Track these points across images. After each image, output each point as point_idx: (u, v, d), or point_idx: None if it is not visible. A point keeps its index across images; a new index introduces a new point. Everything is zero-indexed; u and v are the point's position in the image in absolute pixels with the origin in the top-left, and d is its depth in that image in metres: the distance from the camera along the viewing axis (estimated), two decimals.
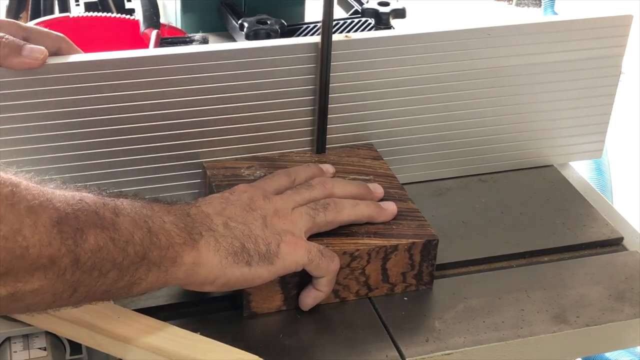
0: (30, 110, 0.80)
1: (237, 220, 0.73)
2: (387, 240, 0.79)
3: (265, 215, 0.75)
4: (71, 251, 0.61)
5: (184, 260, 0.68)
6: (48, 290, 0.61)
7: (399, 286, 0.81)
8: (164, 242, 0.67)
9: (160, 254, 0.67)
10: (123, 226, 0.65)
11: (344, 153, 0.92)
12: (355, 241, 0.79)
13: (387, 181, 0.88)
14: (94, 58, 0.81)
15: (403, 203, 0.84)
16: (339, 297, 0.80)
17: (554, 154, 1.03)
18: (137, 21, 1.20)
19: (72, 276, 0.62)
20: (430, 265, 0.81)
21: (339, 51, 0.87)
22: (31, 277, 0.60)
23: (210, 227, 0.71)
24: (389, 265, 0.80)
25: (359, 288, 0.80)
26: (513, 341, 0.76)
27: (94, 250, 0.62)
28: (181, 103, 0.85)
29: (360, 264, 0.79)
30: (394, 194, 0.85)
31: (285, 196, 0.78)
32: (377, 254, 0.79)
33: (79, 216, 0.62)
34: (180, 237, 0.68)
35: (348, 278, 0.79)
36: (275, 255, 0.72)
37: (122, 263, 0.64)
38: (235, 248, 0.71)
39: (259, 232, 0.73)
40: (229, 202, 0.75)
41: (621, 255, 0.89)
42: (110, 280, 0.64)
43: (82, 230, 0.62)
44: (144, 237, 0.66)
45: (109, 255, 0.63)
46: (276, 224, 0.74)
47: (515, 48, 0.94)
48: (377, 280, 0.80)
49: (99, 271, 0.63)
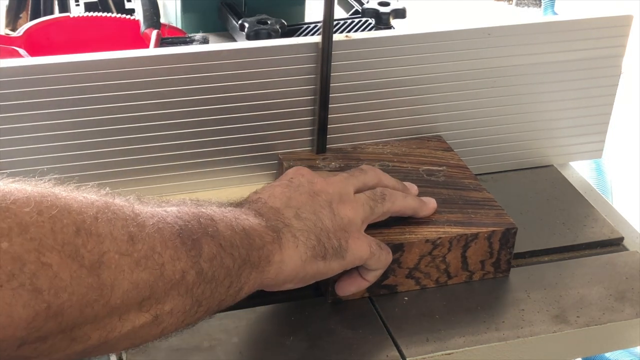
0: (30, 110, 0.80)
1: (306, 210, 0.72)
2: (468, 229, 0.80)
3: (330, 201, 0.73)
4: (196, 263, 0.59)
5: (275, 258, 0.67)
6: (180, 308, 0.59)
7: (477, 274, 0.82)
8: (258, 242, 0.66)
9: (258, 255, 0.66)
10: (225, 232, 0.63)
11: (414, 144, 0.94)
12: (437, 229, 0.80)
13: (461, 171, 0.89)
14: (94, 58, 0.81)
15: (479, 192, 0.86)
16: (420, 285, 0.81)
17: (554, 154, 1.03)
18: (137, 21, 1.20)
19: (197, 289, 0.60)
20: (508, 254, 0.82)
21: (339, 51, 0.87)
22: (167, 296, 0.58)
23: (284, 222, 0.70)
24: (469, 253, 0.81)
25: (439, 275, 0.81)
26: (513, 341, 0.76)
27: (211, 259, 0.61)
28: (181, 103, 0.85)
29: (441, 252, 0.80)
30: (468, 184, 0.87)
31: (342, 177, 0.77)
32: (458, 242, 0.80)
33: (190, 227, 0.61)
34: (269, 236, 0.67)
35: (429, 266, 0.80)
36: (345, 250, 0.72)
37: (233, 269, 0.63)
38: (313, 242, 0.70)
39: (329, 224, 0.72)
40: (291, 189, 0.73)
41: (621, 255, 0.89)
42: (224, 288, 0.63)
43: (198, 240, 0.60)
44: (242, 239, 0.65)
45: (222, 262, 0.62)
46: (342, 212, 0.73)
47: (515, 48, 0.94)
48: (456, 268, 0.81)
49: (216, 281, 0.62)
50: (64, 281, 0.51)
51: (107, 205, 0.56)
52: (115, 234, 0.55)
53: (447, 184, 0.87)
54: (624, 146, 2.10)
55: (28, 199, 0.51)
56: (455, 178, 0.89)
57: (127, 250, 0.55)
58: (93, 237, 0.53)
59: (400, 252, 0.78)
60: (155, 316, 0.58)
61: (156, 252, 0.57)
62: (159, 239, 0.57)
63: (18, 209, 0.51)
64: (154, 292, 0.57)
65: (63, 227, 0.52)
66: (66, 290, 0.51)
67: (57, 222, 0.52)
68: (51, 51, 1.19)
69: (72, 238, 0.52)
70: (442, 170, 0.89)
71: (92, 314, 0.53)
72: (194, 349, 0.73)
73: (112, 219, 0.55)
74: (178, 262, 0.58)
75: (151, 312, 0.57)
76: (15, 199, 0.51)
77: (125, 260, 0.55)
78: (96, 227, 0.54)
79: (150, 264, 0.56)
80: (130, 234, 0.56)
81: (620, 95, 1.03)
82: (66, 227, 0.52)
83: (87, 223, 0.54)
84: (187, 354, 0.72)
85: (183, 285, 0.59)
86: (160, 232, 0.58)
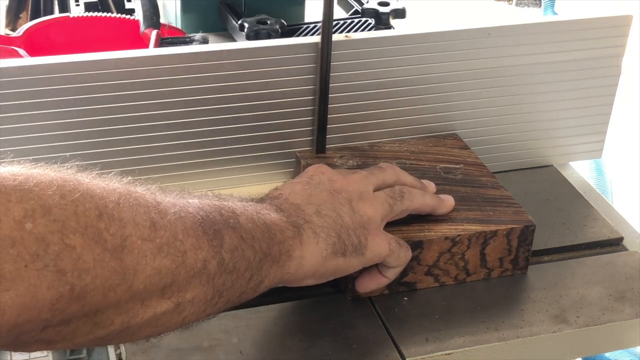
0: (30, 110, 0.80)
1: (327, 207, 0.72)
2: (487, 226, 0.81)
3: (350, 199, 0.74)
4: (217, 253, 0.60)
5: (295, 253, 0.68)
6: (202, 297, 0.59)
7: (496, 271, 0.83)
8: (279, 236, 0.66)
9: (279, 249, 0.66)
10: (246, 225, 0.64)
11: (431, 143, 0.94)
12: (456, 227, 0.80)
13: (478, 169, 0.90)
14: (94, 58, 0.81)
15: (496, 190, 0.86)
16: (439, 282, 0.81)
17: (554, 154, 1.03)
18: (137, 21, 1.20)
19: (219, 279, 0.60)
20: (527, 251, 0.83)
21: (339, 51, 0.87)
22: (189, 284, 0.58)
23: (305, 218, 0.70)
24: (488, 250, 0.81)
25: (458, 272, 0.82)
26: (513, 341, 0.76)
27: (232, 250, 0.61)
28: (181, 103, 0.85)
29: (460, 249, 0.80)
30: (486, 182, 0.88)
31: (362, 175, 0.78)
32: (477, 239, 0.80)
33: (212, 218, 0.61)
34: (290, 231, 0.68)
35: (448, 263, 0.81)
36: (364, 247, 0.73)
37: (253, 261, 0.63)
38: (333, 239, 0.70)
39: (349, 222, 0.72)
40: (311, 186, 0.74)
41: (621, 255, 0.89)
42: (244, 280, 0.63)
43: (220, 231, 0.61)
44: (263, 233, 0.65)
45: (243, 254, 0.62)
46: (361, 210, 0.74)
47: (515, 48, 0.94)
48: (475, 265, 0.82)
49: (237, 272, 0.62)
50: (87, 263, 0.51)
51: (129, 192, 0.57)
52: (138, 219, 0.55)
53: (465, 182, 0.88)
54: (624, 146, 2.10)
55: (51, 182, 0.52)
56: (473, 176, 0.89)
57: (149, 236, 0.55)
58: (115, 222, 0.54)
59: (419, 249, 0.79)
60: (177, 304, 0.58)
61: (178, 240, 0.57)
62: (181, 227, 0.58)
63: (41, 191, 0.51)
64: (176, 279, 0.57)
65: (86, 211, 0.52)
66: (89, 272, 0.52)
67: (79, 205, 0.52)
68: (51, 51, 1.19)
69: (95, 221, 0.52)
70: (460, 168, 0.89)
71: (115, 298, 0.54)
72: (193, 349, 0.73)
73: (134, 205, 0.56)
74: (200, 251, 0.58)
75: (173, 300, 0.57)
76: (38, 182, 0.51)
77: (148, 246, 0.55)
78: (119, 212, 0.54)
79: (172, 250, 0.56)
80: (152, 220, 0.56)
81: (620, 95, 1.03)
82: (89, 211, 0.52)
83: (110, 207, 0.54)
84: (187, 353, 0.72)
85: (205, 274, 0.59)
86: (182, 220, 0.58)
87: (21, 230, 0.49)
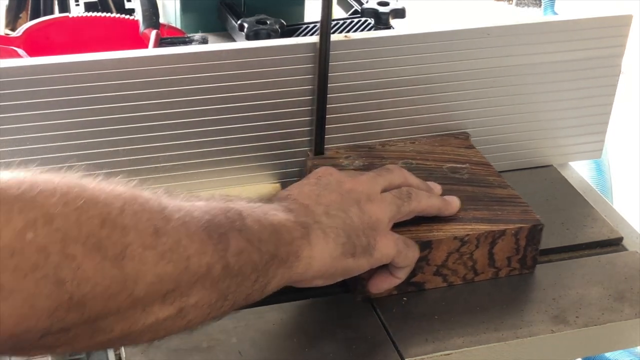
0: (30, 110, 0.80)
1: (336, 208, 0.72)
2: (495, 226, 0.81)
3: (359, 200, 0.74)
4: (222, 257, 0.60)
5: (304, 254, 0.68)
6: (206, 301, 0.59)
7: (504, 270, 0.83)
8: (287, 237, 0.66)
9: (287, 250, 0.66)
10: (253, 227, 0.64)
11: (437, 142, 0.94)
12: (464, 226, 0.81)
13: (484, 169, 0.90)
14: (94, 58, 0.81)
15: (504, 189, 0.86)
16: (447, 282, 0.81)
17: (554, 154, 1.03)
18: (136, 21, 1.20)
19: (223, 283, 0.60)
20: (534, 250, 0.83)
21: (338, 51, 0.87)
22: (192, 289, 0.58)
23: (314, 218, 0.70)
24: (496, 249, 0.81)
25: (466, 272, 0.82)
26: (512, 341, 0.76)
27: (238, 253, 0.61)
28: (180, 103, 0.85)
29: (469, 249, 0.80)
30: (492, 181, 0.88)
31: (370, 176, 0.78)
32: (486, 238, 0.80)
33: (217, 221, 0.61)
34: (298, 231, 0.68)
35: (457, 263, 0.81)
36: (373, 247, 0.73)
37: (259, 263, 0.63)
38: (342, 239, 0.70)
39: (358, 222, 0.72)
40: (320, 187, 0.74)
41: (621, 255, 0.89)
42: (250, 282, 0.63)
43: (225, 234, 0.61)
44: (270, 234, 0.65)
45: (249, 257, 0.62)
46: (370, 211, 0.74)
47: (515, 48, 0.94)
48: (483, 265, 0.82)
49: (242, 275, 0.62)
50: (87, 272, 0.51)
51: (134, 197, 0.56)
52: (140, 227, 0.55)
53: (472, 181, 0.88)
54: (624, 146, 2.10)
55: (54, 190, 0.51)
56: (479, 175, 0.89)
57: (152, 244, 0.55)
58: (117, 230, 0.53)
59: (428, 249, 0.79)
60: (180, 309, 0.58)
61: (181, 246, 0.57)
62: (185, 233, 0.57)
63: (44, 200, 0.51)
64: (178, 285, 0.57)
65: (89, 219, 0.52)
66: (89, 281, 0.51)
67: (82, 214, 0.52)
68: (51, 51, 1.19)
69: (97, 230, 0.52)
70: (466, 168, 0.89)
71: (116, 305, 0.54)
72: (193, 349, 0.73)
73: (138, 211, 0.55)
74: (204, 256, 0.58)
75: (175, 305, 0.57)
76: (41, 190, 0.51)
77: (149, 253, 0.55)
78: (122, 220, 0.54)
79: (175, 257, 0.56)
80: (155, 227, 0.56)
81: (620, 95, 1.03)
82: (92, 219, 0.52)
83: (113, 215, 0.54)
84: (186, 354, 0.72)
85: (209, 278, 0.59)
86: (186, 225, 0.58)
87: (21, 241, 0.49)
